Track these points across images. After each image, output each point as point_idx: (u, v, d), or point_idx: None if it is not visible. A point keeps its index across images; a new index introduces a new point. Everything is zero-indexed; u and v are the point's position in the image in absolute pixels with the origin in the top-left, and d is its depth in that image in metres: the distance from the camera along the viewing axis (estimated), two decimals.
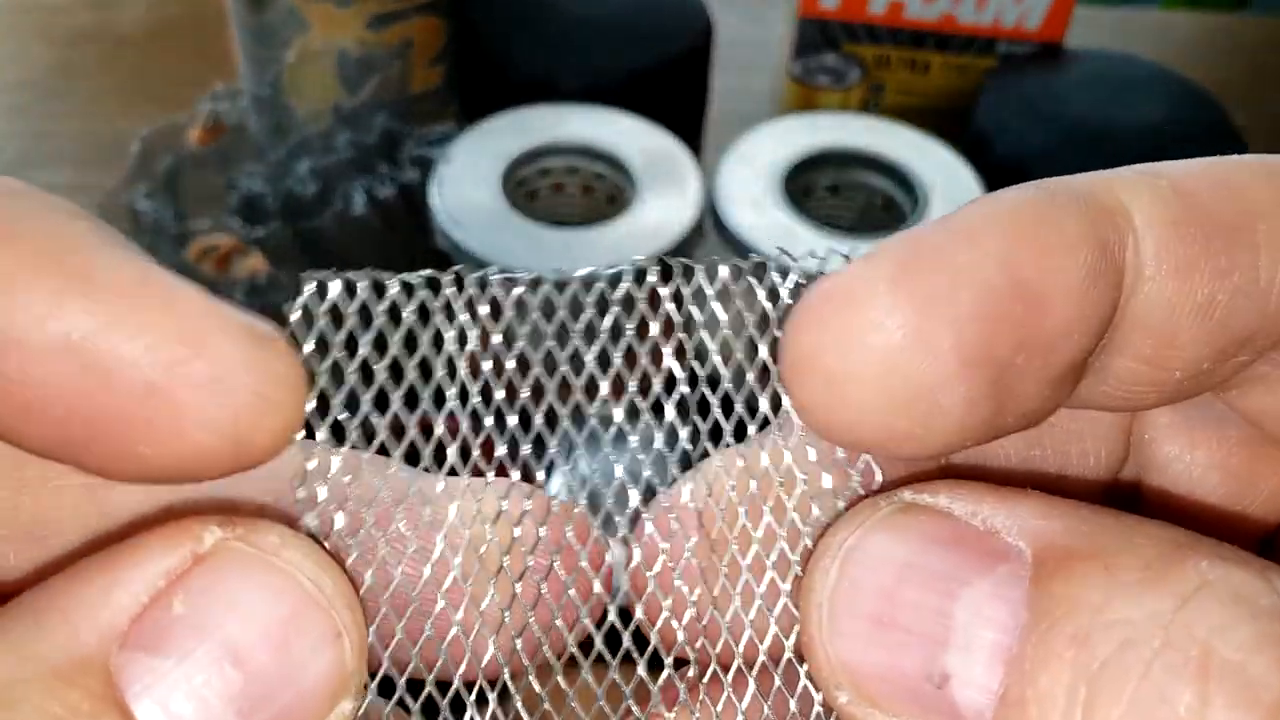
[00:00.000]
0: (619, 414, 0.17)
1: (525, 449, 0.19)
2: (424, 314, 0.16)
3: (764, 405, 0.15)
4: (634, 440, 0.18)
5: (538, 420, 0.17)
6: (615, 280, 0.16)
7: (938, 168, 0.51)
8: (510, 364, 0.17)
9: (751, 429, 0.17)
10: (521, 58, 0.54)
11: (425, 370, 0.16)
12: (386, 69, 0.55)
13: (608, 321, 0.16)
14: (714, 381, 0.19)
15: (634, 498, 0.17)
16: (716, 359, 0.19)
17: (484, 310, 0.16)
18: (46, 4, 0.78)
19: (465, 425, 0.17)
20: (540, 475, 0.19)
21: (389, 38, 0.56)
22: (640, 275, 0.16)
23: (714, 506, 0.15)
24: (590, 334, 0.16)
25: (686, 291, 0.17)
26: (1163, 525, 0.12)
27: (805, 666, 0.14)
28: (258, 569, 0.13)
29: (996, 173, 0.51)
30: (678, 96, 0.56)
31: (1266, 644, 0.11)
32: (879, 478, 0.14)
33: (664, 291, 0.17)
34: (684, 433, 0.19)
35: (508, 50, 0.55)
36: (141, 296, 0.13)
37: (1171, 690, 0.11)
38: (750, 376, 0.15)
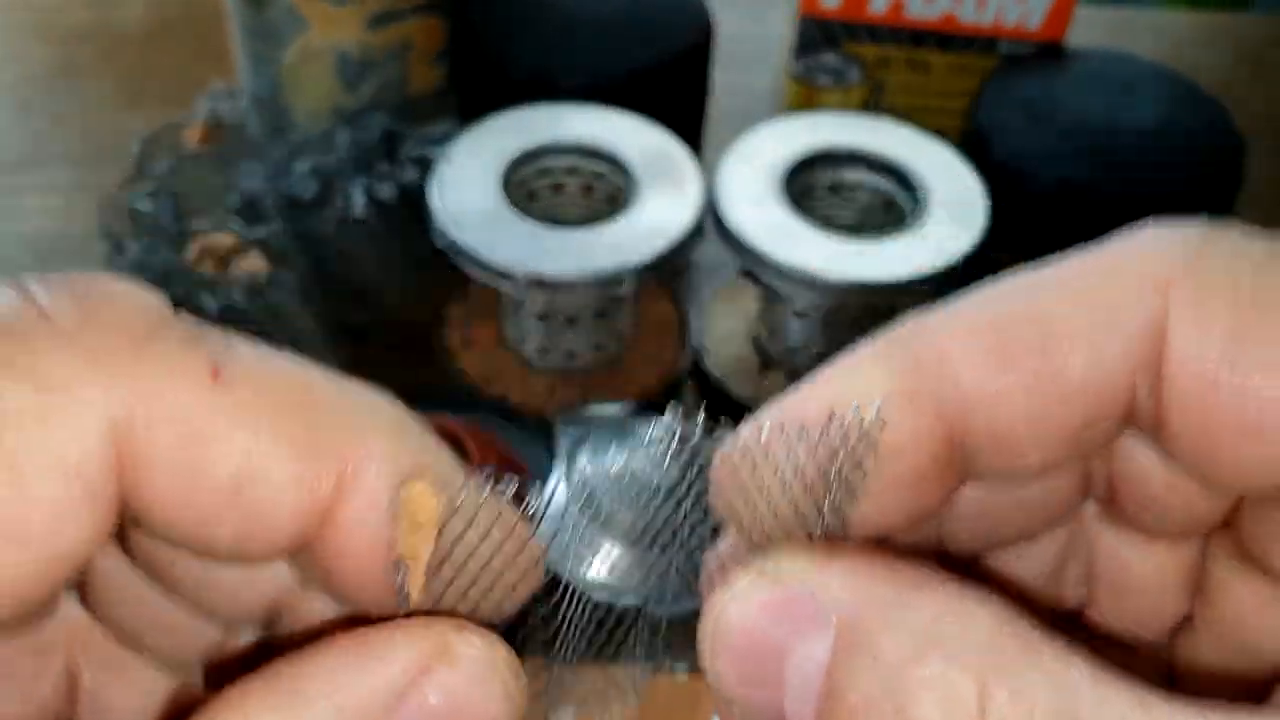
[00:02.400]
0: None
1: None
2: None
3: None
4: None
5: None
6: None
7: (938, 167, 0.51)
8: None
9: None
10: (521, 57, 0.54)
11: None
12: (386, 68, 0.56)
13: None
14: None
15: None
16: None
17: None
18: (46, 3, 0.78)
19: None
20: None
21: (388, 37, 0.56)
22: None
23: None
24: None
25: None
26: (939, 601, 0.15)
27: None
28: (487, 674, 0.17)
29: (996, 172, 0.51)
30: (678, 96, 0.56)
31: None
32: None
33: None
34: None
35: (507, 50, 0.55)
36: None
37: None
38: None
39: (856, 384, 0.17)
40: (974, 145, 0.53)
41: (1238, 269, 0.16)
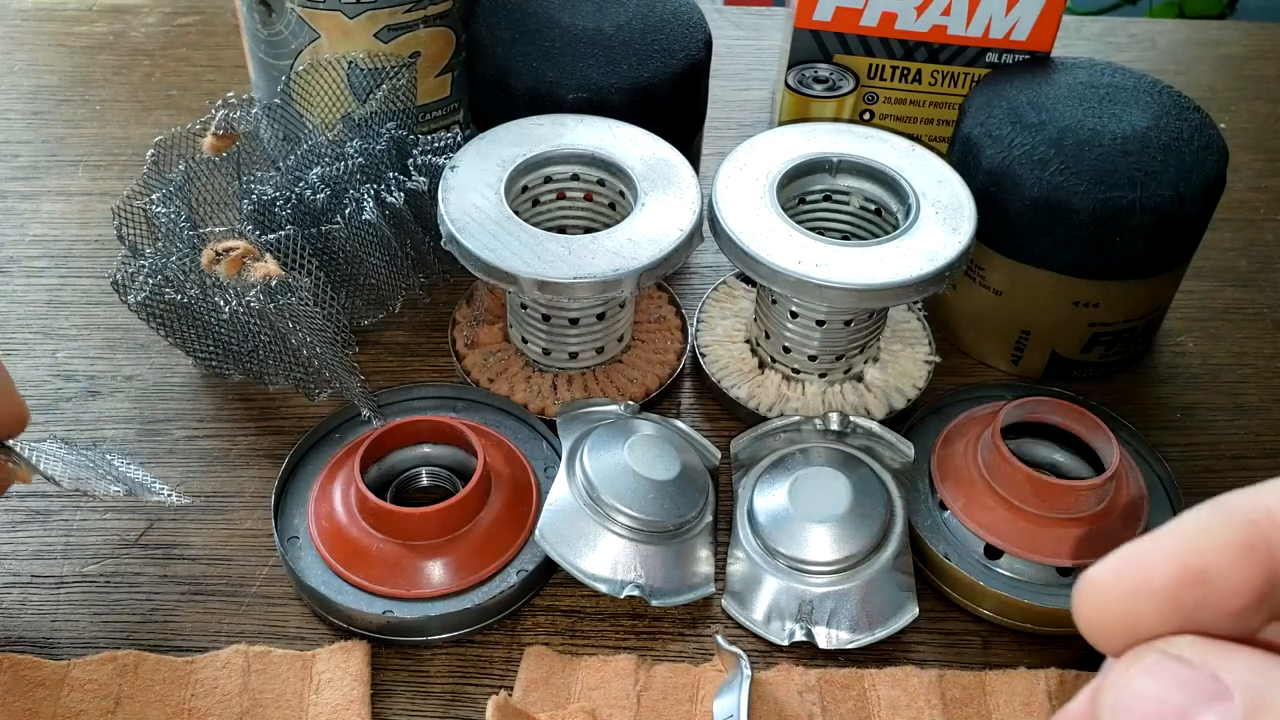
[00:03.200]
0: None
1: None
2: None
3: None
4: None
5: None
6: None
7: (927, 175, 0.52)
8: None
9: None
10: (524, 71, 0.56)
11: None
12: (395, 78, 0.57)
13: None
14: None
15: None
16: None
17: None
18: (64, 14, 0.80)
19: None
20: None
21: (398, 48, 0.57)
22: None
23: None
24: None
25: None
26: None
27: None
28: None
29: (985, 179, 0.53)
30: (677, 107, 0.57)
31: None
32: None
33: None
34: None
35: (511, 64, 0.56)
36: None
37: None
38: None
39: (1203, 538, 0.21)
40: (962, 153, 0.55)
41: None
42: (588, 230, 0.55)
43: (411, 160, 0.55)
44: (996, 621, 0.46)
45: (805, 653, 0.45)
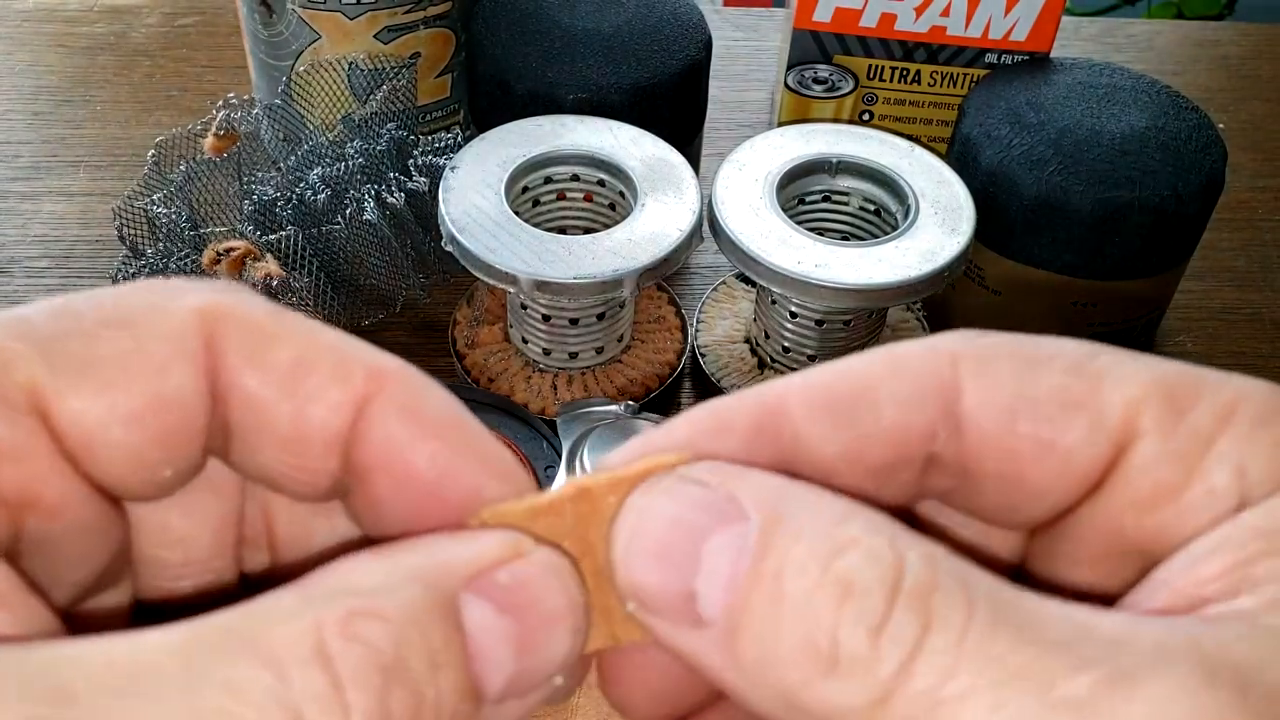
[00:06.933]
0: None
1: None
2: None
3: None
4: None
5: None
6: None
7: (927, 176, 0.52)
8: None
9: None
10: (524, 72, 0.56)
11: None
12: (396, 79, 0.57)
13: None
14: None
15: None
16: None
17: None
18: (64, 15, 0.80)
19: None
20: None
21: (399, 49, 0.57)
22: None
23: None
24: None
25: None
26: (840, 500, 0.19)
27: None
28: (554, 573, 0.19)
29: (984, 180, 0.53)
30: (677, 108, 0.58)
31: (876, 585, 0.17)
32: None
33: None
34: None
35: (511, 64, 0.56)
36: None
37: (821, 611, 0.17)
38: None
39: (720, 416, 0.21)
40: (962, 153, 0.55)
41: (1011, 342, 0.22)
42: (588, 231, 0.55)
43: (412, 161, 0.55)
44: None
45: None
